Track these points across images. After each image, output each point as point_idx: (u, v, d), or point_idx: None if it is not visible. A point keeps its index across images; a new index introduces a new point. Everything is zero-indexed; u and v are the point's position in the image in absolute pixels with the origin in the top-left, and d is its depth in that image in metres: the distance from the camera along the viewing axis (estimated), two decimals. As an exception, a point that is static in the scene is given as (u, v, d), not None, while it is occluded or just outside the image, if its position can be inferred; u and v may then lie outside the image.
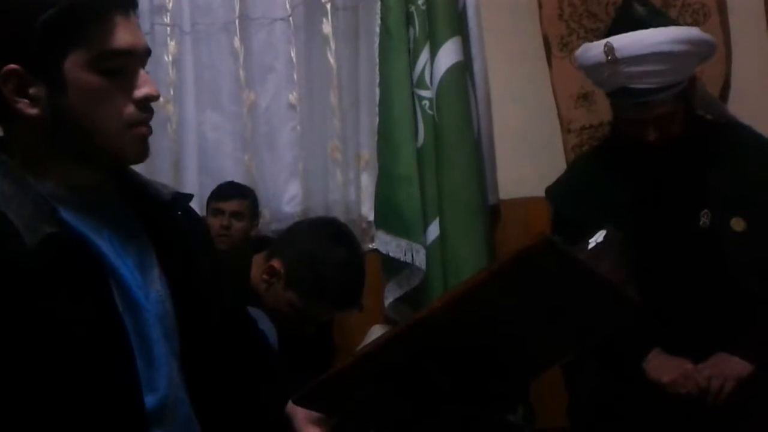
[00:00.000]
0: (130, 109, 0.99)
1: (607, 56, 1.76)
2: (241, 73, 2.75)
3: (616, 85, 1.80)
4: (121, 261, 1.02)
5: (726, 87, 2.30)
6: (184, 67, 2.76)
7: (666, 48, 1.74)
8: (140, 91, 0.99)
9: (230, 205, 2.56)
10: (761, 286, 1.76)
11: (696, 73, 2.22)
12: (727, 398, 1.70)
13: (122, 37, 0.97)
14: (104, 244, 1.00)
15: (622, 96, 1.82)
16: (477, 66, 2.49)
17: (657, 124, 1.78)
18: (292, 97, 2.74)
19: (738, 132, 1.92)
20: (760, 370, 1.72)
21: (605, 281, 1.01)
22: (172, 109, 2.73)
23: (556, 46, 2.44)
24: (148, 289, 1.04)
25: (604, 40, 1.80)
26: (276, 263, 1.78)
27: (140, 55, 1.00)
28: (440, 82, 2.35)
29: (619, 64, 1.75)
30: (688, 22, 2.31)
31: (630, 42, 1.76)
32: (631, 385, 1.77)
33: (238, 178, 2.71)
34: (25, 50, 0.95)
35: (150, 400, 1.00)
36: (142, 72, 1.00)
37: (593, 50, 1.83)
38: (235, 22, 2.75)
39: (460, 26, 2.40)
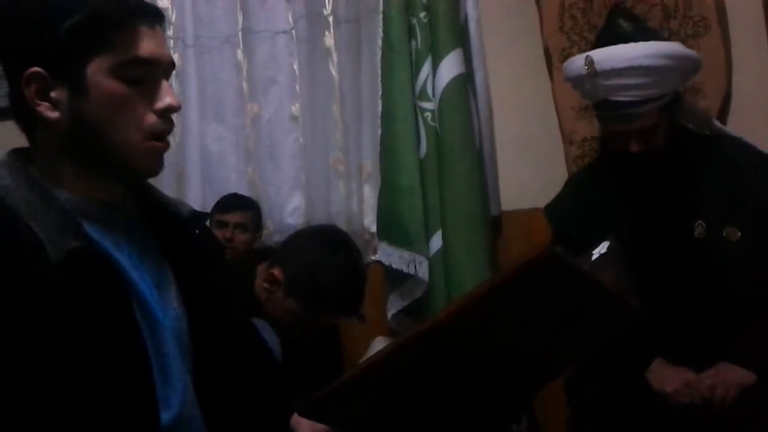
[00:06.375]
0: (151, 119, 0.99)
1: (587, 69, 1.79)
2: (244, 85, 2.76)
3: (598, 97, 1.85)
4: (141, 277, 1.02)
5: (727, 99, 2.31)
6: (187, 80, 2.77)
7: (645, 62, 1.77)
8: (162, 102, 1.00)
9: (233, 217, 2.57)
10: (758, 293, 1.77)
11: (697, 85, 2.25)
12: (730, 406, 1.70)
13: (146, 46, 0.98)
14: (124, 260, 1.01)
15: (604, 108, 1.86)
16: (479, 78, 2.49)
17: (639, 136, 1.82)
18: (295, 109, 2.75)
19: (727, 143, 1.94)
20: (763, 379, 1.72)
21: (607, 291, 1.01)
22: (175, 122, 2.73)
23: (558, 58, 2.45)
24: (166, 305, 1.04)
25: (585, 54, 1.83)
26: (276, 271, 1.80)
27: (164, 67, 1.01)
28: (442, 93, 2.36)
29: (598, 77, 1.79)
30: (689, 34, 2.32)
31: (609, 56, 1.80)
32: (633, 396, 1.77)
33: (241, 190, 2.72)
34: (49, 54, 0.96)
35: (165, 416, 1.00)
36: (164, 83, 1.01)
37: (575, 63, 1.88)
38: (238, 35, 2.76)
39: (461, 39, 2.41)
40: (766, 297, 1.77)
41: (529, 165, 2.53)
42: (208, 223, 2.54)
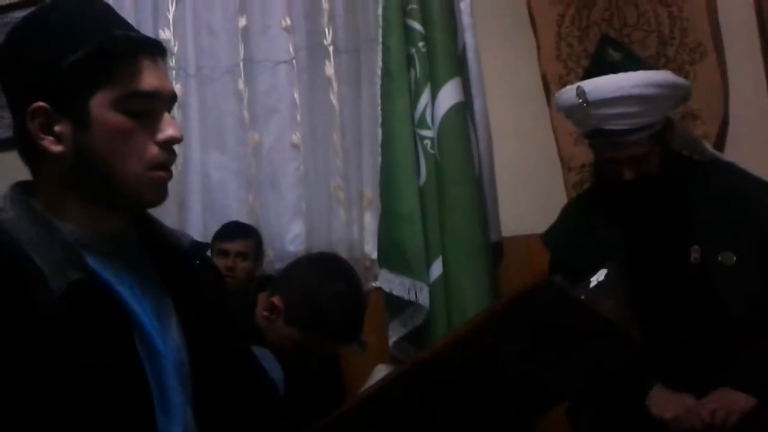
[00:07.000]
0: (153, 150, 1.00)
1: (579, 99, 1.81)
2: (246, 114, 2.79)
3: (590, 126, 1.87)
4: (141, 308, 1.02)
5: (724, 124, 2.32)
6: (189, 109, 2.80)
7: (636, 91, 1.79)
8: (164, 134, 1.01)
9: (235, 246, 2.58)
10: (755, 317, 1.77)
11: (694, 111, 2.27)
12: None
13: (148, 80, 0.99)
14: (126, 292, 1.01)
15: (596, 137, 1.88)
16: (477, 106, 2.51)
17: (632, 164, 1.84)
18: (296, 137, 2.78)
19: (720, 168, 1.96)
20: (763, 404, 1.71)
21: (606, 321, 1.02)
22: (177, 151, 2.75)
23: (555, 86, 2.47)
24: (166, 337, 1.05)
25: (577, 84, 1.85)
26: (276, 299, 1.80)
27: (165, 99, 1.02)
28: (441, 122, 2.37)
29: (590, 106, 1.81)
30: (685, 60, 2.34)
31: (600, 86, 1.82)
32: (634, 422, 1.77)
33: (242, 218, 2.73)
34: (53, 89, 0.97)
35: None
36: (166, 115, 1.02)
37: (567, 93, 1.90)
38: (239, 65, 2.80)
39: (460, 67, 2.43)
40: (762, 321, 1.77)
41: (529, 191, 2.54)
42: (209, 251, 2.56)
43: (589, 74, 1.92)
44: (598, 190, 2.02)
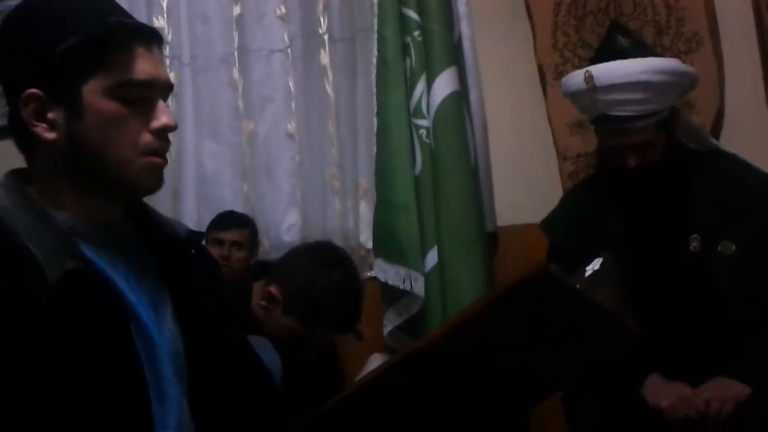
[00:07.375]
0: (147, 138, 1.00)
1: (587, 84, 1.81)
2: (240, 103, 2.78)
3: (596, 112, 1.87)
4: (137, 298, 1.02)
5: (720, 114, 2.32)
6: (183, 99, 2.78)
7: (643, 78, 1.79)
8: (158, 122, 1.00)
9: (230, 235, 2.58)
10: (753, 308, 1.78)
11: (690, 101, 2.27)
12: (726, 421, 1.70)
13: (142, 68, 0.99)
14: (121, 281, 1.01)
15: (602, 123, 1.88)
16: (473, 95, 2.51)
17: (636, 151, 1.84)
18: (291, 126, 2.77)
19: (722, 159, 1.96)
20: (759, 393, 1.72)
21: (603, 310, 1.02)
22: (171, 140, 2.73)
23: (551, 75, 2.47)
24: (162, 326, 1.04)
25: (585, 69, 1.85)
26: (273, 289, 1.80)
27: (160, 88, 1.02)
28: (437, 111, 2.36)
29: (597, 91, 1.82)
30: (681, 50, 2.34)
31: (608, 71, 1.83)
32: (629, 412, 1.77)
33: (237, 208, 2.73)
34: (46, 76, 0.97)
35: None
36: (160, 103, 1.01)
37: (574, 78, 1.90)
38: (234, 54, 2.78)
39: (455, 57, 2.42)
40: (760, 312, 1.78)
41: (524, 181, 2.54)
42: (204, 241, 2.55)
43: (596, 60, 1.91)
44: (600, 177, 2.02)
